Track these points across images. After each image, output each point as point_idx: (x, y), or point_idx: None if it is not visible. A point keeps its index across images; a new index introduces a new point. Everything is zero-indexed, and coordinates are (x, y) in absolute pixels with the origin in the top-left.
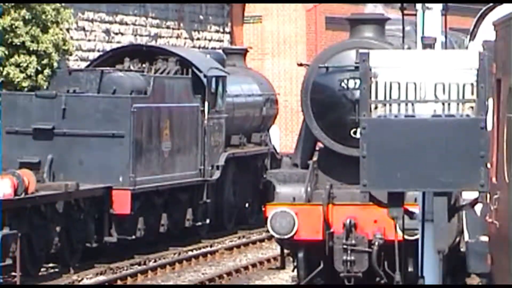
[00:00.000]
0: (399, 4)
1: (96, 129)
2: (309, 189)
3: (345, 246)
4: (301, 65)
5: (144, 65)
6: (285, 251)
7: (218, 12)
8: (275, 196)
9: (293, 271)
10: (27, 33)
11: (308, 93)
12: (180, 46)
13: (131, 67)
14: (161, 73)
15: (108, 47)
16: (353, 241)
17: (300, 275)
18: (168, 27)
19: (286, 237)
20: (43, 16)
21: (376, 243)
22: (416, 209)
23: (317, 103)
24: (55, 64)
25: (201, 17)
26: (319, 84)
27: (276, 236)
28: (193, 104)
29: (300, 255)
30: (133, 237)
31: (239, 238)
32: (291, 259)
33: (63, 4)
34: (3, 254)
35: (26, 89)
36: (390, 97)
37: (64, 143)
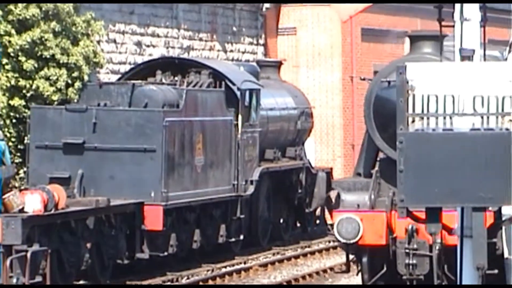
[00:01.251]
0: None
1: (127, 143)
2: (372, 196)
3: (407, 250)
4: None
5: (176, 78)
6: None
7: (252, 24)
8: (340, 203)
9: (357, 274)
10: (57, 45)
11: (371, 106)
12: (213, 59)
13: (163, 80)
14: (194, 86)
15: (139, 59)
16: (415, 246)
17: (364, 278)
18: (200, 39)
19: (351, 242)
20: (74, 28)
21: (437, 247)
22: (455, 225)
23: (379, 116)
24: (86, 77)
25: (234, 28)
26: (381, 98)
27: (342, 241)
28: (227, 118)
29: (365, 259)
30: (165, 253)
31: (273, 254)
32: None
33: (94, 15)
34: (33, 271)
35: (56, 102)
36: (428, 110)
37: (94, 157)
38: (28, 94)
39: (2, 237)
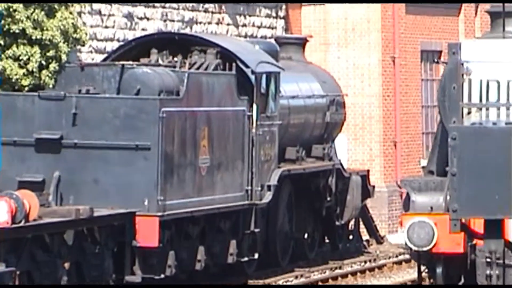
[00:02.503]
0: None
1: (115, 139)
2: (448, 197)
3: (488, 259)
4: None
5: (175, 59)
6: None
7: None
8: (410, 205)
9: None
10: (28, 18)
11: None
12: (221, 35)
13: (160, 61)
14: (198, 68)
15: (130, 35)
16: (498, 254)
17: None
18: (206, 11)
19: (424, 249)
20: None
21: None
22: None
23: None
24: (64, 57)
25: None
26: None
27: (414, 248)
28: (238, 108)
29: (439, 270)
30: (162, 276)
31: (295, 277)
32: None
33: None
34: None
35: (27, 88)
36: (487, 99)
37: (74, 157)
38: None
39: None
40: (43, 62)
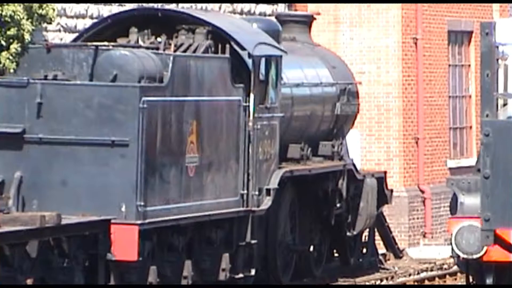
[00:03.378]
0: None
1: (87, 134)
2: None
3: None
4: None
5: (159, 39)
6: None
7: None
8: (458, 208)
9: None
10: None
11: None
12: (213, 11)
13: (140, 42)
14: (185, 51)
15: (105, 11)
16: None
17: None
18: None
19: (474, 257)
20: None
21: None
22: None
23: None
24: (27, 37)
25: None
26: None
27: (462, 256)
28: (233, 98)
29: (489, 280)
30: None
31: None
32: None
33: None
34: None
35: None
36: None
37: (39, 154)
38: None
39: None
40: (3, 43)
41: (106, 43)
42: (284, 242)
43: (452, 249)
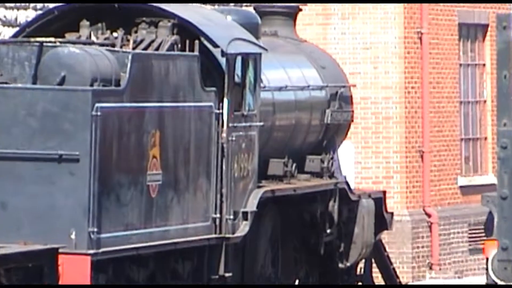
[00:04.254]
0: None
1: (29, 147)
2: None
3: None
4: None
5: (115, 35)
6: None
7: None
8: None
9: None
10: None
11: None
12: (179, 3)
13: (93, 38)
14: (146, 48)
15: (52, 2)
16: None
17: None
18: None
19: None
20: None
21: None
22: None
23: None
24: None
25: None
26: None
27: (499, 283)
28: (203, 104)
29: None
30: None
31: None
32: None
33: None
34: None
35: None
36: None
37: None
38: None
39: None
40: None
41: (52, 39)
42: (264, 276)
43: (488, 275)
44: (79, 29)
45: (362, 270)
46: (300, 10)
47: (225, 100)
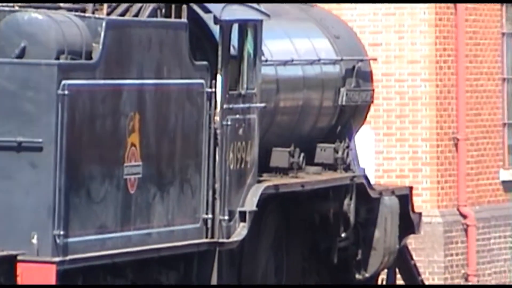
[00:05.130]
0: None
1: None
2: None
3: None
4: None
5: None
6: None
7: None
8: None
9: None
10: None
11: None
12: None
13: (60, 2)
14: (123, 14)
15: None
16: None
17: None
18: None
19: None
20: None
21: None
22: None
23: None
24: None
25: None
26: None
27: None
28: (192, 81)
29: None
30: None
31: None
32: None
33: None
34: None
35: None
36: None
37: None
38: None
39: None
40: None
41: (11, 4)
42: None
43: None
44: None
45: (384, 281)
46: None
47: (219, 77)
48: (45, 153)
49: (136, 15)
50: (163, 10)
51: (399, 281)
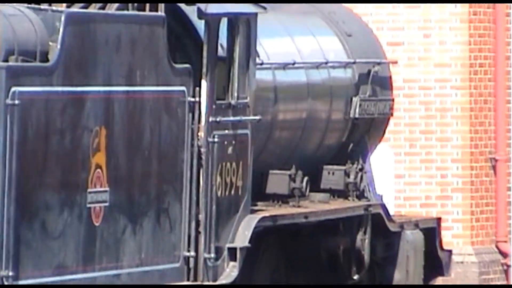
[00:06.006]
0: None
1: None
2: None
3: None
4: None
5: None
6: None
7: None
8: None
9: None
10: None
11: None
12: None
13: None
14: (87, 6)
15: None
16: None
17: None
18: None
19: None
20: None
21: None
22: None
23: None
24: None
25: None
26: None
27: None
28: (171, 88)
29: None
30: None
31: None
32: None
33: None
34: None
35: None
36: None
37: None
38: None
39: None
40: None
41: None
42: None
43: None
44: None
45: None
46: None
47: (204, 83)
48: None
49: (103, 7)
50: (135, 4)
51: None
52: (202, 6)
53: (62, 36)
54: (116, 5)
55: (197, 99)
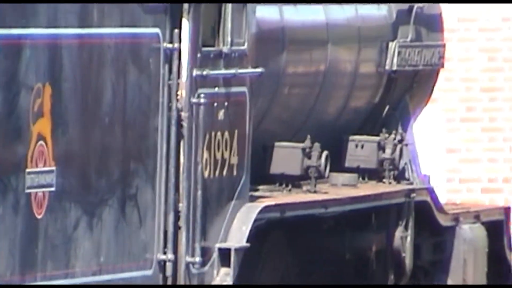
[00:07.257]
0: None
1: None
2: None
3: None
4: None
5: None
6: None
7: None
8: None
9: None
10: None
11: None
12: None
13: None
14: None
15: None
16: None
17: None
18: None
19: None
20: None
21: None
22: None
23: None
24: None
25: None
26: None
27: None
28: (141, 31)
29: None
30: None
31: None
32: None
33: None
34: None
35: None
36: None
37: None
38: None
39: None
40: None
41: None
42: None
43: None
44: None
45: None
46: None
47: (185, 24)
48: None
49: None
50: None
51: None
52: None
53: None
54: None
55: (176, 45)
